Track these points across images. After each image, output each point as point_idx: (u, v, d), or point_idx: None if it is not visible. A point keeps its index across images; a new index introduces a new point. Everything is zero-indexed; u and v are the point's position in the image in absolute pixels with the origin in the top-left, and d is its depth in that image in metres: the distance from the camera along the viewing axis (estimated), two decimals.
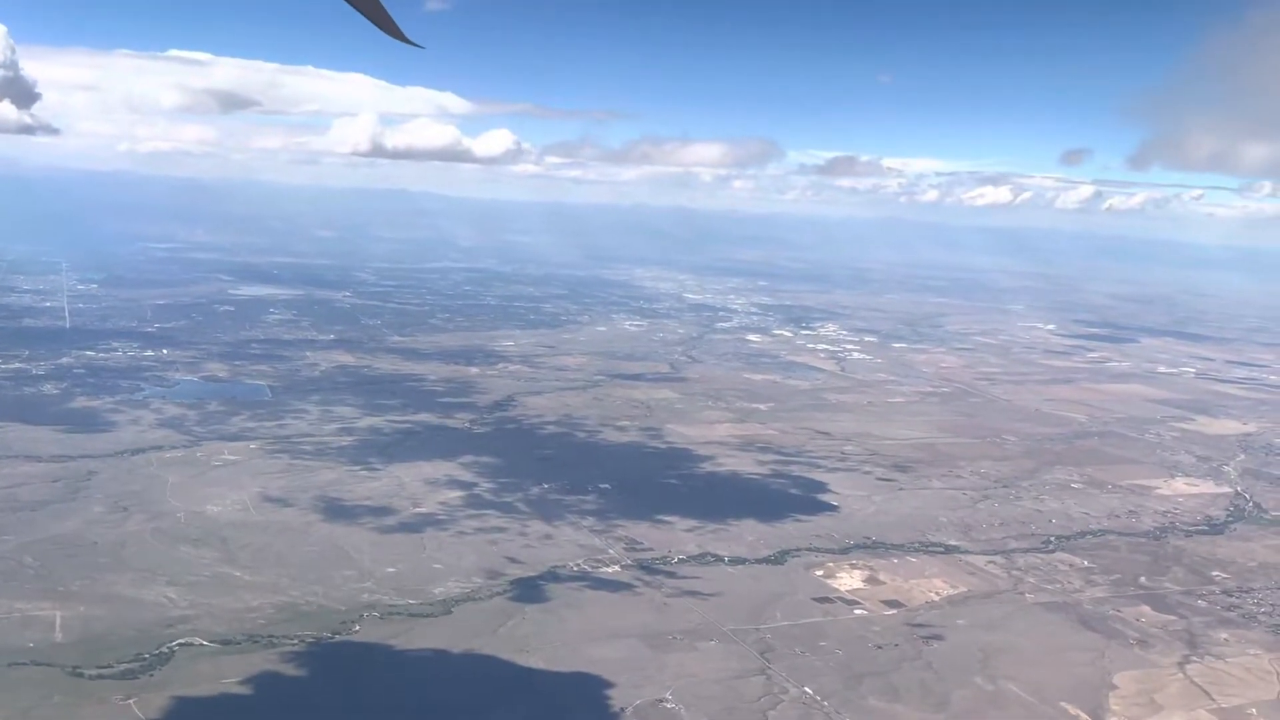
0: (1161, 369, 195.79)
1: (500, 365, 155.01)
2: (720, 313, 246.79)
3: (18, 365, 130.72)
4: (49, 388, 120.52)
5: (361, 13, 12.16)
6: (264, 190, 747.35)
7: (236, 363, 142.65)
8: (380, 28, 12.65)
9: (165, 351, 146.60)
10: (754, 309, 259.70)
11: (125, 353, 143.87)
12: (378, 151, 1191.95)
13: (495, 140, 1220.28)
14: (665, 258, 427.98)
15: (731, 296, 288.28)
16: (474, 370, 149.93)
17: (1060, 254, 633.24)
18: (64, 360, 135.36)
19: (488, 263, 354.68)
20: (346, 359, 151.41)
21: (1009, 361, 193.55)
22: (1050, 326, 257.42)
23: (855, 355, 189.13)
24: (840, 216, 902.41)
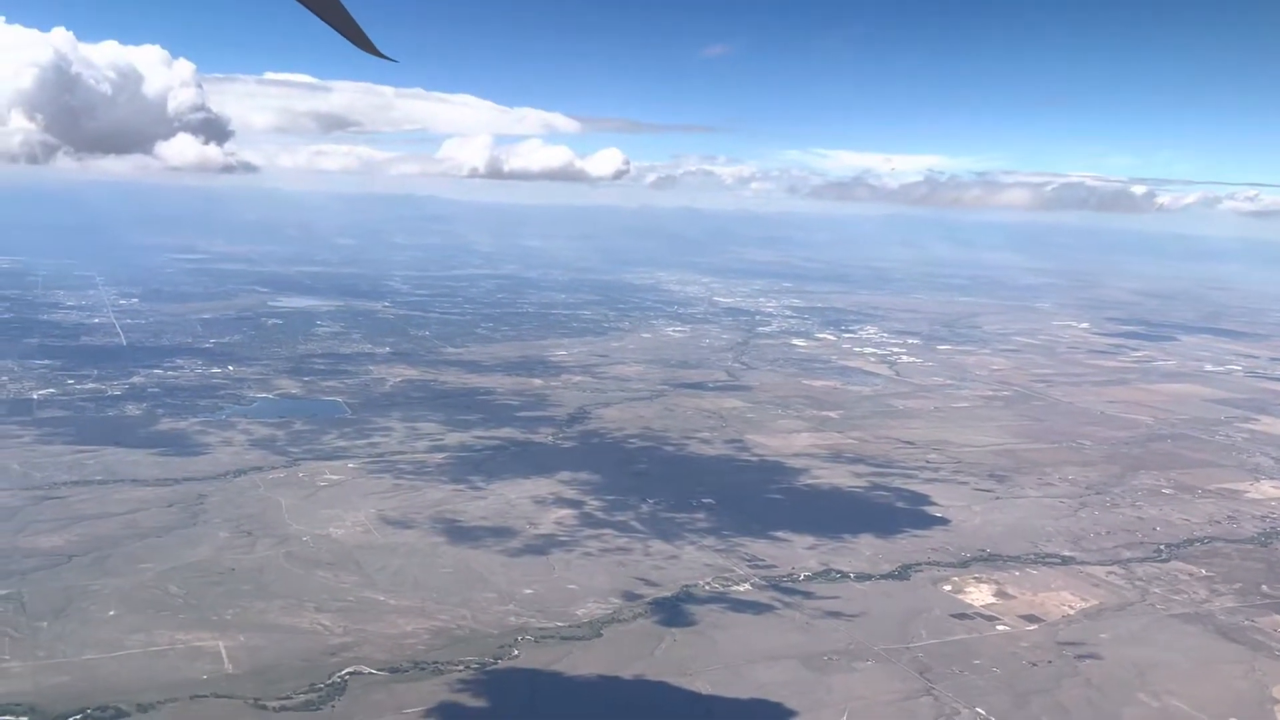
0: (1209, 367, 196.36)
1: (563, 376, 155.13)
2: (757, 317, 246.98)
3: (92, 385, 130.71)
4: (131, 409, 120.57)
5: (335, 28, 11.84)
6: (273, 197, 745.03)
7: (306, 379, 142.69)
8: (354, 43, 12.33)
9: (231, 368, 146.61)
10: (789, 312, 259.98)
11: (193, 371, 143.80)
12: (494, 173, 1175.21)
13: (607, 160, 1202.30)
14: (683, 260, 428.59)
15: (761, 300, 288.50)
16: (538, 382, 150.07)
17: (1068, 249, 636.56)
18: (135, 380, 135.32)
19: (511, 269, 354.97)
20: (411, 373, 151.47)
21: (1058, 362, 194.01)
22: (1085, 325, 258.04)
23: (905, 359, 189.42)
24: (847, 215, 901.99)
